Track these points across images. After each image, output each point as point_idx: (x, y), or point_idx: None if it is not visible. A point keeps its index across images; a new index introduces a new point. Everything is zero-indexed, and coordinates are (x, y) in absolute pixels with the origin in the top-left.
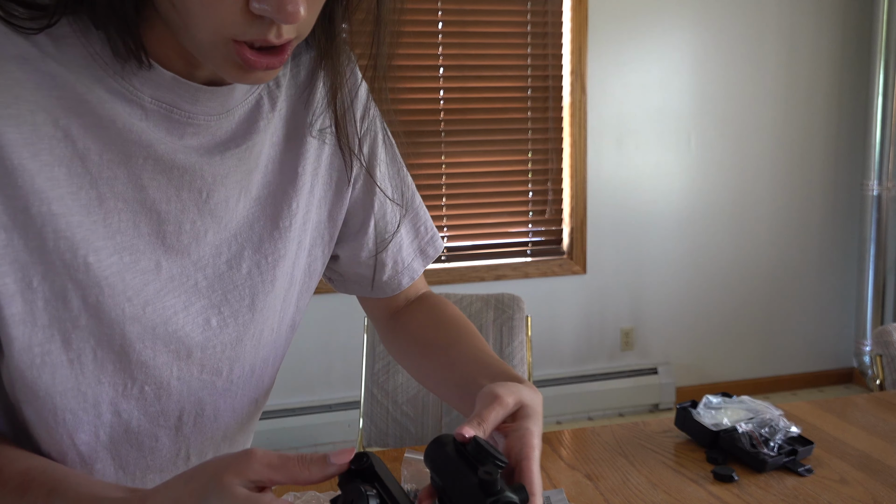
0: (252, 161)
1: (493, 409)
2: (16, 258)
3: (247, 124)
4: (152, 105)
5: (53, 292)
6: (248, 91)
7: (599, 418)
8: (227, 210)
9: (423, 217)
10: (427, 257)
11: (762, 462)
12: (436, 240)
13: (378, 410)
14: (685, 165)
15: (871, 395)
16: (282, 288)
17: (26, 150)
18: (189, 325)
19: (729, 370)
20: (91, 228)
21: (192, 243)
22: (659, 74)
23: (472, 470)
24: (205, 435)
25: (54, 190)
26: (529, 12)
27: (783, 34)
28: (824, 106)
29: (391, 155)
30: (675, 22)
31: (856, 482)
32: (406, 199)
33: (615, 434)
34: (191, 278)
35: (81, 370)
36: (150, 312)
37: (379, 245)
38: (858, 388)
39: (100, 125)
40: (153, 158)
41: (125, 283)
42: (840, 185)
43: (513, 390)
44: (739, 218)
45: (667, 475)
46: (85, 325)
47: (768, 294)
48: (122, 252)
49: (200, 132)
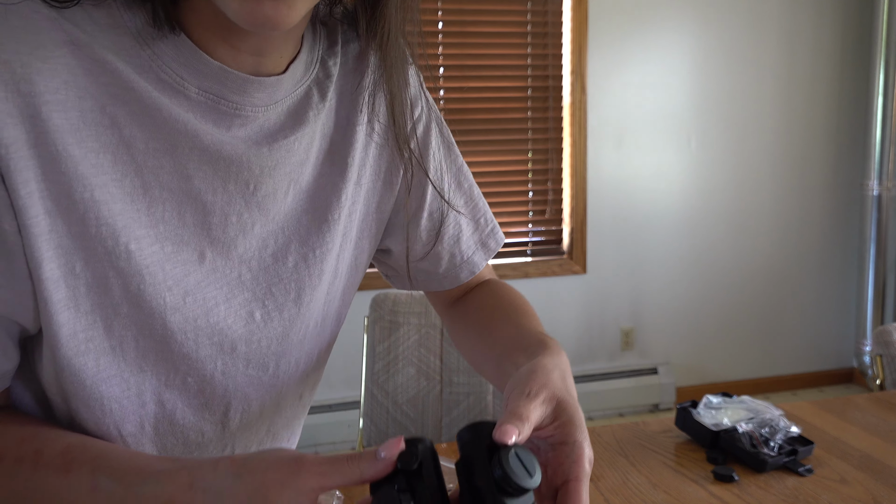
0: (302, 153)
1: (532, 405)
2: (59, 244)
3: (296, 115)
4: (199, 96)
5: (95, 279)
6: (297, 82)
7: (599, 418)
8: (274, 202)
9: (483, 208)
10: (489, 250)
11: (762, 462)
12: (496, 232)
13: (378, 410)
14: (685, 165)
15: (872, 395)
16: (327, 281)
17: (72, 136)
18: (231, 318)
19: (729, 370)
20: (134, 217)
21: (238, 236)
22: (659, 74)
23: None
24: (251, 431)
25: (98, 177)
26: (529, 12)
27: (783, 34)
28: (824, 105)
29: (447, 144)
30: (675, 22)
31: (856, 482)
32: (463, 189)
33: (615, 434)
34: (234, 270)
35: (124, 357)
36: (190, 303)
37: (434, 237)
38: (859, 388)
39: (146, 113)
40: (199, 149)
41: (165, 273)
42: (840, 184)
43: (543, 382)
44: (739, 218)
45: (667, 475)
46: (126, 313)
47: (768, 294)
48: (164, 241)
49: (248, 123)
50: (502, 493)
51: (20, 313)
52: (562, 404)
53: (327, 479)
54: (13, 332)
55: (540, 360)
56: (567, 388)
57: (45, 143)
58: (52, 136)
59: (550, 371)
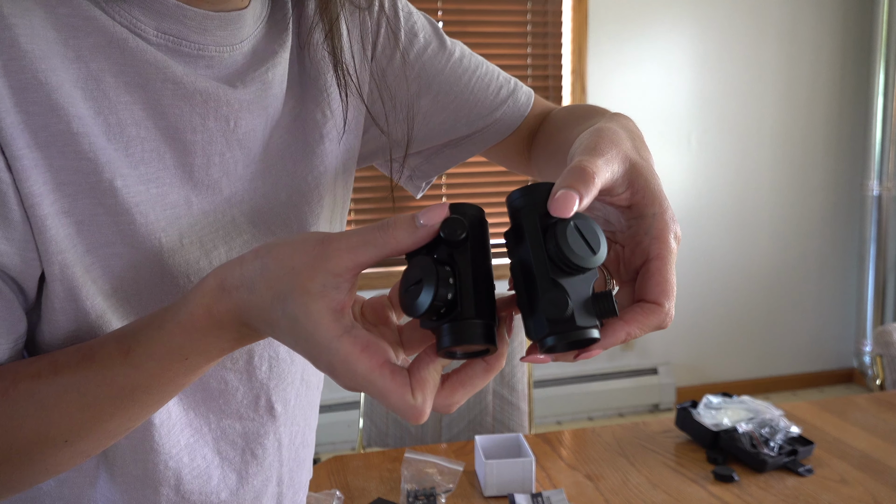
0: (276, 85)
1: (598, 161)
2: (46, 180)
3: (263, 52)
4: (158, 38)
5: (85, 217)
6: (258, 17)
7: (600, 418)
8: (255, 140)
9: (496, 71)
10: (521, 93)
11: (762, 462)
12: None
13: (378, 410)
14: (685, 165)
15: (872, 396)
16: (328, 205)
17: (43, 63)
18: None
19: (729, 370)
20: (114, 155)
21: (222, 178)
22: (659, 74)
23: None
24: (283, 379)
25: (72, 108)
26: (529, 12)
27: (784, 34)
28: (825, 106)
29: (440, 41)
30: (675, 22)
31: (856, 482)
32: (467, 78)
33: (615, 434)
34: (226, 214)
35: (127, 300)
36: (188, 245)
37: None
38: (859, 388)
39: (111, 45)
40: (172, 82)
41: (156, 214)
42: (840, 185)
43: (611, 140)
44: (739, 217)
45: (667, 475)
46: (121, 252)
47: (768, 294)
48: (149, 183)
49: (214, 65)
50: (558, 271)
51: (19, 267)
52: (636, 167)
53: (359, 254)
54: (17, 295)
55: (603, 124)
56: (640, 153)
57: (14, 71)
58: (20, 62)
59: (616, 131)
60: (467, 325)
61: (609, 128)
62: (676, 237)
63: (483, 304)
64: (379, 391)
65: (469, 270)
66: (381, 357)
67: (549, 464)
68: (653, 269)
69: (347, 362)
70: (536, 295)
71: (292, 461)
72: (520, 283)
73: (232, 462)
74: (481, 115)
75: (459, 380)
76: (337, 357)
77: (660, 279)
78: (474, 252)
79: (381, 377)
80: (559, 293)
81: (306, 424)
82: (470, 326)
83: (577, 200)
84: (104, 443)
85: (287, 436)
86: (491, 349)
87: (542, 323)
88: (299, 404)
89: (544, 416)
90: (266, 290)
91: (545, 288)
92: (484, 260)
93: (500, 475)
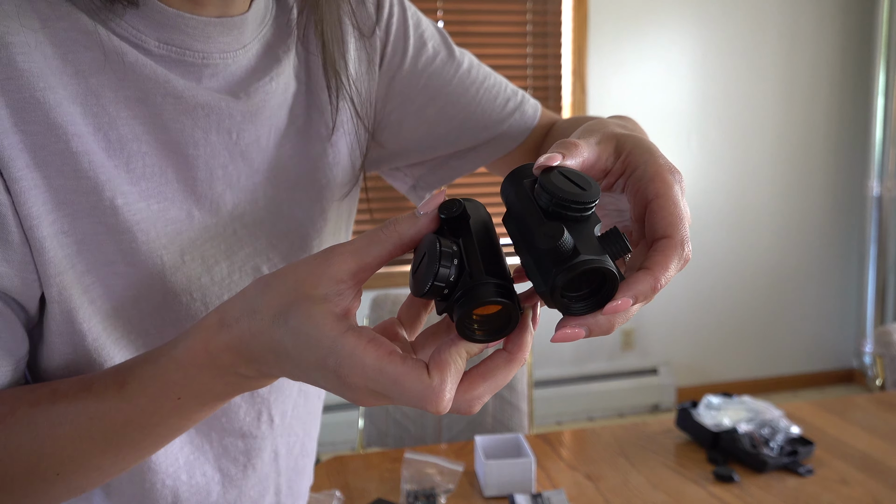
0: (280, 94)
1: (585, 140)
2: (44, 200)
3: (267, 57)
4: (160, 49)
5: (86, 237)
6: (261, 21)
7: (600, 419)
8: (258, 151)
9: (503, 82)
10: (527, 105)
11: (763, 462)
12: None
13: (378, 410)
14: (685, 165)
15: (872, 396)
16: (332, 219)
17: (41, 82)
18: (237, 274)
19: (729, 370)
20: (114, 173)
21: (225, 191)
22: (659, 74)
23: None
24: (282, 392)
25: (71, 127)
26: (529, 12)
27: (784, 34)
28: (825, 105)
29: (449, 51)
30: (675, 21)
31: (857, 483)
32: (474, 88)
33: (615, 434)
34: (228, 227)
35: (128, 320)
36: (189, 261)
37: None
38: (859, 389)
39: (110, 60)
40: (173, 96)
41: (157, 231)
42: (841, 185)
43: (597, 127)
44: (740, 218)
45: (667, 476)
46: (122, 271)
47: (769, 294)
48: (150, 199)
49: (218, 73)
50: (556, 218)
51: (19, 288)
52: (622, 138)
53: (364, 255)
54: (20, 315)
55: (596, 119)
56: (629, 130)
57: (11, 90)
58: (18, 81)
59: (605, 121)
60: (479, 285)
61: (599, 119)
62: (679, 181)
63: (492, 267)
64: (391, 379)
65: (473, 240)
66: (388, 346)
67: (550, 464)
68: (654, 208)
69: (354, 356)
70: (534, 241)
71: (291, 471)
72: (523, 252)
73: (233, 478)
74: (487, 127)
75: (479, 372)
76: (343, 354)
77: (663, 213)
78: (476, 225)
79: (392, 363)
80: (553, 225)
81: (305, 434)
82: (481, 286)
83: (559, 157)
84: (97, 480)
85: (284, 446)
86: (507, 306)
87: (546, 266)
88: (296, 414)
89: (544, 417)
90: (267, 311)
91: (539, 226)
92: (487, 231)
93: (500, 475)
